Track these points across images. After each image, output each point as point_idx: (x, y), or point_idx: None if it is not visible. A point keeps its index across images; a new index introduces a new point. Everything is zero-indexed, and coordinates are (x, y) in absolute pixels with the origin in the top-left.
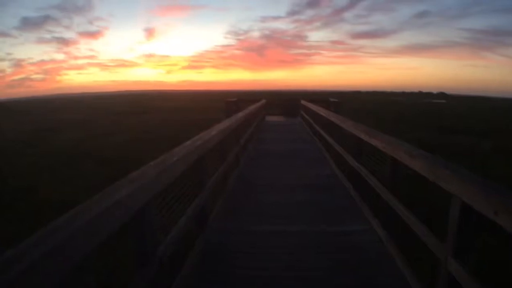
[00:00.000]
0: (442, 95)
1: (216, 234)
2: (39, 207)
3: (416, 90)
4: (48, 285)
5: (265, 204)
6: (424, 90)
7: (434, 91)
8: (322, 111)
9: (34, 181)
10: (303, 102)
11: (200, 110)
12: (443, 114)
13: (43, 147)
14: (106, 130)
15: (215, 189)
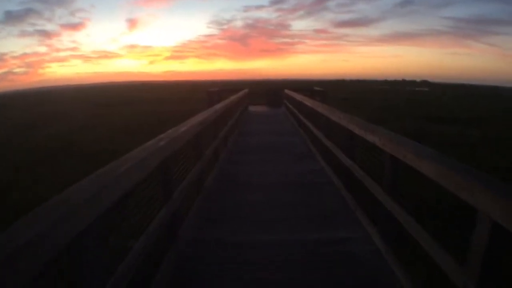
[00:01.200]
0: (425, 83)
1: (189, 249)
2: (8, 209)
3: (399, 78)
4: None
5: (247, 206)
6: (408, 78)
7: (417, 79)
8: (307, 101)
9: (7, 181)
10: (286, 91)
11: (183, 101)
12: (427, 102)
13: (21, 142)
14: (87, 123)
15: (188, 193)
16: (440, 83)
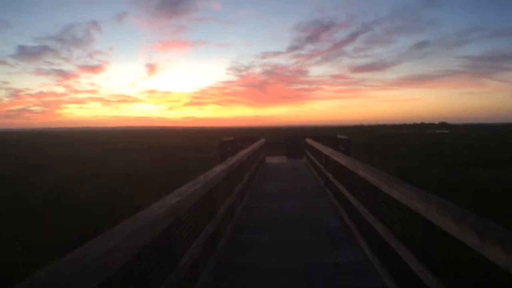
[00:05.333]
0: (444, 125)
1: None
2: None
3: (418, 121)
4: None
5: None
6: (426, 121)
7: (436, 121)
8: (336, 156)
9: None
10: (308, 140)
11: (199, 148)
12: (449, 145)
13: (18, 186)
14: (94, 170)
15: None
16: (458, 124)
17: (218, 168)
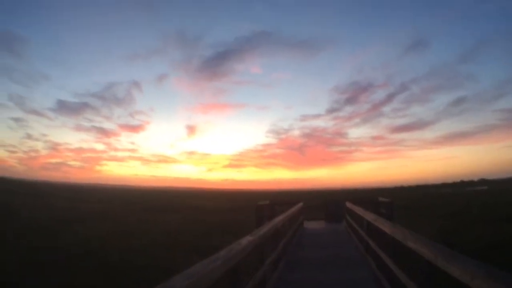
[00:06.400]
0: (483, 181)
1: None
2: None
3: (457, 179)
4: None
5: None
6: (465, 179)
7: (475, 178)
8: (378, 222)
9: None
10: (348, 204)
11: (236, 211)
12: (491, 202)
13: (49, 240)
14: (128, 228)
15: None
16: (498, 179)
17: (246, 240)
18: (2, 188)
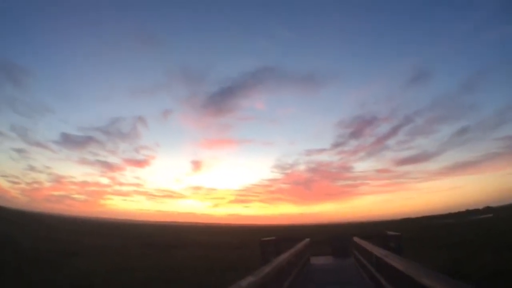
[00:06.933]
0: (488, 209)
1: None
2: None
3: (462, 209)
4: None
5: None
6: (470, 208)
7: (480, 206)
8: (389, 258)
9: None
10: (356, 239)
11: (241, 247)
12: (496, 229)
13: (48, 273)
14: (129, 263)
15: None
16: (502, 206)
17: (246, 282)
18: (3, 218)
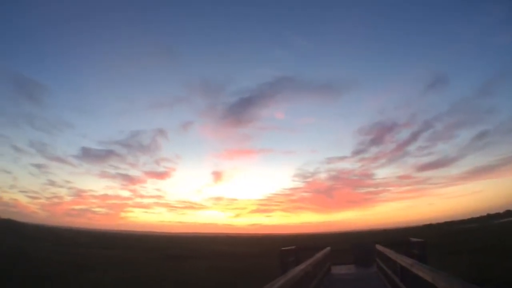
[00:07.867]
0: (509, 213)
1: None
2: None
3: (484, 213)
4: None
5: None
6: (491, 212)
7: (501, 210)
8: (415, 268)
9: None
10: (379, 247)
11: (263, 256)
12: None
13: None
14: (145, 276)
15: None
16: None
17: None
18: (22, 233)
